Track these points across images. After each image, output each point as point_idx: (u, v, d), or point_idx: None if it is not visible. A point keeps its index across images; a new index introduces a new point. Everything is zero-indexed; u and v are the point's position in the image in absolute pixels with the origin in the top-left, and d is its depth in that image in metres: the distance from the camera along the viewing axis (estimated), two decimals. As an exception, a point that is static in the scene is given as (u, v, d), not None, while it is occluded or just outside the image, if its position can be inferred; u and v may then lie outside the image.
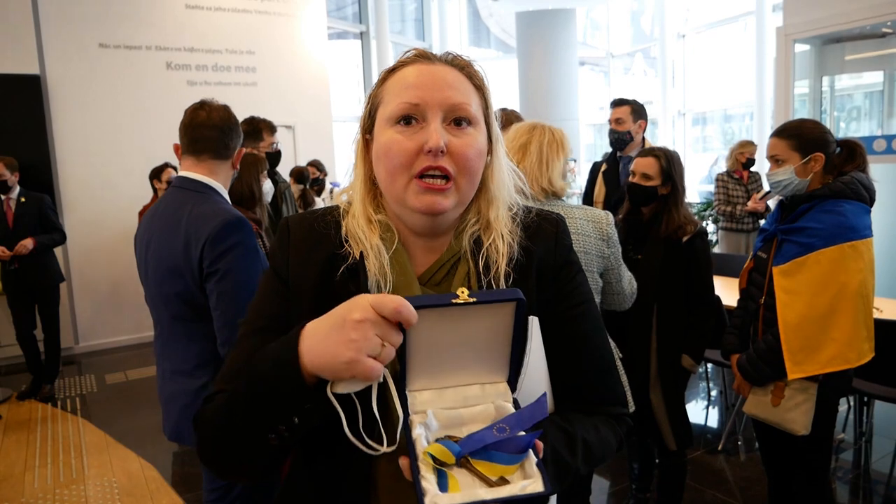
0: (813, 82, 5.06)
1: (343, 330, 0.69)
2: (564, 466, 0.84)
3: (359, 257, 0.87)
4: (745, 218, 5.02)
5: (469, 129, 0.85)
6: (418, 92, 0.83)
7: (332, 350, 0.69)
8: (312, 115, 7.18)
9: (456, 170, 0.84)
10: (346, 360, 0.68)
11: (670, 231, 2.30)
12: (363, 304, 0.69)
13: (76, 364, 5.72)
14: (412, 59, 0.88)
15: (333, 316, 0.72)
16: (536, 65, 8.42)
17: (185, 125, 1.86)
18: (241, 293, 1.66)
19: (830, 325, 1.84)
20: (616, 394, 0.97)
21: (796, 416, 1.92)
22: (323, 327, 0.72)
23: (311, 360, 0.71)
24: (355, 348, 0.68)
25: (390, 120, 0.84)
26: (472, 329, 0.76)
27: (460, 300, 0.71)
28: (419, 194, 0.83)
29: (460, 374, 0.78)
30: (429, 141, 0.81)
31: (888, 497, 2.97)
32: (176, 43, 6.37)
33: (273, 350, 0.76)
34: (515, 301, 0.74)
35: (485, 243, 0.89)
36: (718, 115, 9.33)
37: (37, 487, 3.34)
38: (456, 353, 0.77)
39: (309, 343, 0.72)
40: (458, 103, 0.84)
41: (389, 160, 0.84)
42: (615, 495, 3.04)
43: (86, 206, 5.98)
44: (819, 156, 1.94)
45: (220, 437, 0.81)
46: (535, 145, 1.93)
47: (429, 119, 0.83)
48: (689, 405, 4.21)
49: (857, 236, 1.83)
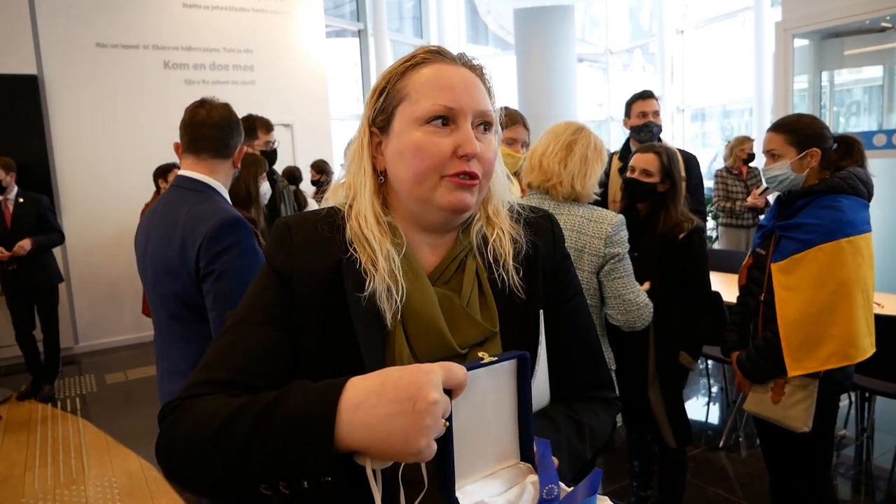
0: (812, 77, 5.05)
1: (415, 414, 0.61)
2: (578, 455, 0.90)
3: (367, 262, 0.84)
4: (744, 213, 5.01)
5: (490, 134, 0.87)
6: (454, 95, 0.83)
7: (401, 436, 0.62)
8: (311, 114, 7.16)
9: (482, 172, 0.85)
10: (419, 449, 0.62)
11: (667, 228, 2.29)
12: (437, 383, 0.63)
13: (76, 364, 5.72)
14: (432, 56, 0.87)
15: (395, 391, 0.63)
16: (535, 62, 8.40)
17: (186, 124, 1.84)
18: (237, 293, 1.64)
19: (830, 321, 1.84)
20: (607, 379, 1.03)
21: (797, 413, 1.92)
22: (382, 404, 0.63)
23: (362, 438, 0.63)
24: (429, 435, 0.62)
25: (421, 119, 0.83)
26: (489, 400, 0.73)
27: (486, 360, 0.70)
28: (452, 191, 0.83)
29: (486, 458, 0.75)
30: (466, 146, 0.82)
31: (890, 493, 2.97)
32: (173, 42, 6.36)
33: (306, 403, 0.66)
34: (518, 359, 0.74)
35: (490, 238, 0.91)
36: (717, 110, 9.31)
37: (37, 488, 3.34)
38: (482, 432, 0.74)
39: (361, 418, 0.63)
40: (486, 110, 0.86)
41: (421, 160, 0.83)
42: (616, 493, 3.03)
43: (84, 206, 5.98)
44: (815, 151, 1.93)
45: (195, 454, 0.70)
46: (580, 147, 1.96)
47: (460, 123, 0.83)
48: (690, 402, 4.21)
49: (855, 231, 1.83)
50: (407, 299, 0.84)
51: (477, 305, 0.87)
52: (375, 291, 0.82)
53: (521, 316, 0.89)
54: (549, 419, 0.88)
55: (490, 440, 0.75)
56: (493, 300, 0.88)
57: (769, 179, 2.01)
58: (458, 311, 0.86)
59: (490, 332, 0.86)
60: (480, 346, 0.86)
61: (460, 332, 0.85)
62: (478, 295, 0.88)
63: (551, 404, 0.92)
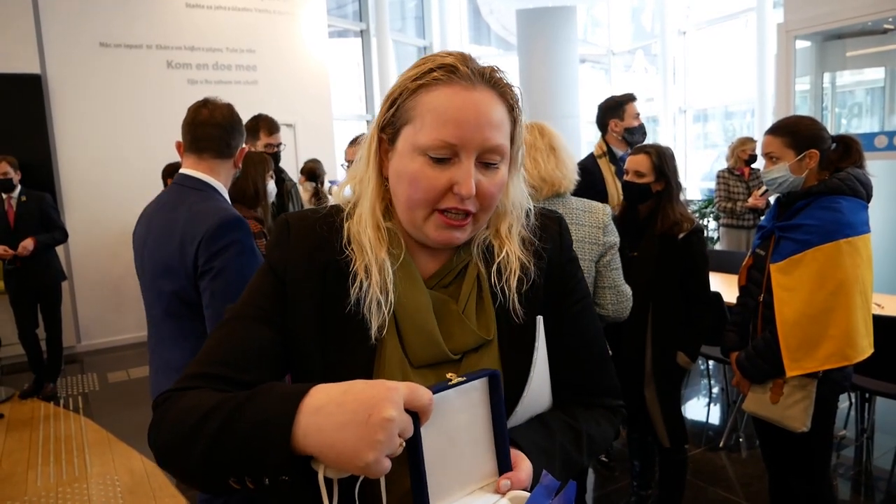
0: (814, 79, 5.05)
1: (367, 427, 0.62)
2: (573, 462, 0.88)
3: (360, 266, 0.84)
4: (745, 214, 5.01)
5: (499, 167, 0.83)
6: (458, 131, 0.78)
7: (350, 446, 0.63)
8: (313, 114, 7.18)
9: (479, 208, 0.83)
10: (366, 462, 0.62)
11: (666, 228, 2.30)
12: (395, 400, 0.63)
13: (78, 363, 5.74)
14: (447, 77, 0.80)
15: (353, 402, 0.64)
16: (537, 62, 8.40)
17: (188, 123, 1.86)
18: (235, 292, 1.65)
19: (828, 321, 1.84)
20: (612, 386, 0.99)
21: (795, 414, 1.92)
22: (339, 413, 0.64)
23: (315, 442, 0.65)
24: (380, 450, 0.62)
25: (422, 149, 0.80)
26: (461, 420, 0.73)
27: (454, 381, 0.70)
28: (439, 228, 0.82)
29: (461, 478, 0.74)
30: (461, 186, 0.79)
31: (889, 493, 2.97)
32: (176, 42, 6.38)
33: (269, 405, 0.68)
34: (488, 376, 0.74)
35: (497, 255, 0.89)
36: (720, 111, 9.31)
37: (39, 486, 3.35)
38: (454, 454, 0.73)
39: (315, 422, 0.65)
40: (495, 145, 0.81)
41: (414, 191, 0.81)
42: (617, 493, 3.04)
43: (87, 205, 6.00)
44: (814, 152, 1.94)
45: (177, 439, 0.73)
46: (557, 143, 1.99)
47: (462, 159, 0.80)
48: (690, 402, 4.22)
49: (854, 232, 1.83)
50: (401, 302, 0.84)
51: (474, 312, 0.87)
52: (364, 298, 0.83)
53: (518, 324, 0.87)
54: (545, 425, 0.87)
55: (465, 460, 0.74)
56: (491, 308, 0.87)
57: (768, 182, 2.01)
58: (453, 316, 0.85)
59: (483, 339, 0.85)
60: (475, 353, 0.85)
61: (454, 337, 0.85)
62: (476, 302, 0.87)
63: (551, 410, 0.91)
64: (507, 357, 0.87)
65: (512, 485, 0.74)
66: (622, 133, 3.18)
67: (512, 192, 0.90)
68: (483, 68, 0.82)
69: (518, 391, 0.84)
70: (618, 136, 3.19)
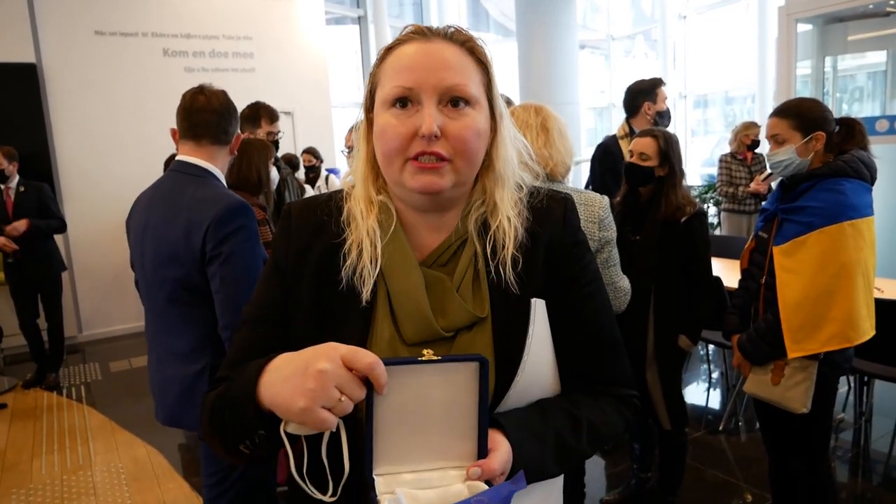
0: (815, 63, 5.02)
1: (303, 377, 0.68)
2: (569, 450, 0.86)
3: (354, 242, 0.86)
4: (747, 199, 5.01)
5: (467, 109, 0.83)
6: (412, 75, 0.81)
7: (287, 394, 0.69)
8: (311, 101, 7.14)
9: (452, 153, 0.82)
10: (298, 409, 0.67)
11: (668, 212, 2.30)
12: (331, 355, 0.68)
13: (80, 353, 5.75)
14: (409, 36, 0.85)
15: (299, 357, 0.71)
16: (536, 48, 8.35)
17: (184, 109, 1.85)
18: (243, 276, 1.67)
19: (830, 303, 1.84)
20: (623, 375, 0.96)
21: (796, 395, 1.93)
22: (287, 368, 0.71)
23: (268, 397, 0.72)
24: (310, 398, 0.67)
25: (386, 103, 0.83)
26: (438, 397, 0.73)
27: (425, 358, 0.70)
28: (415, 174, 0.82)
29: (427, 453, 0.75)
30: (423, 126, 0.79)
31: (887, 476, 2.99)
32: (172, 29, 6.33)
33: (241, 378, 0.77)
34: (478, 362, 0.73)
35: (492, 226, 0.88)
36: (720, 97, 9.27)
37: (44, 474, 3.38)
38: (422, 428, 0.74)
39: (269, 379, 0.72)
40: (454, 84, 0.81)
41: (385, 143, 0.83)
42: (617, 476, 3.06)
43: (85, 195, 5.99)
44: (820, 135, 1.93)
45: (209, 428, 0.83)
46: (552, 124, 1.95)
47: (423, 102, 0.81)
48: (690, 387, 4.24)
49: (858, 215, 1.83)
50: (392, 278, 0.85)
51: (469, 290, 0.86)
52: (355, 270, 0.84)
53: (513, 305, 0.86)
54: (541, 411, 0.86)
55: (439, 436, 0.75)
56: (486, 286, 0.86)
57: (774, 165, 2.00)
58: (447, 293, 0.85)
59: (477, 317, 0.85)
60: (468, 332, 0.85)
61: (448, 315, 0.84)
62: (472, 280, 0.87)
63: (554, 397, 0.89)
64: (501, 337, 0.85)
65: (482, 473, 0.74)
66: (654, 116, 3.20)
67: (504, 153, 0.89)
68: (444, 27, 0.86)
69: (511, 373, 0.83)
70: (650, 118, 3.21)
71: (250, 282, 1.64)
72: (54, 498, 3.12)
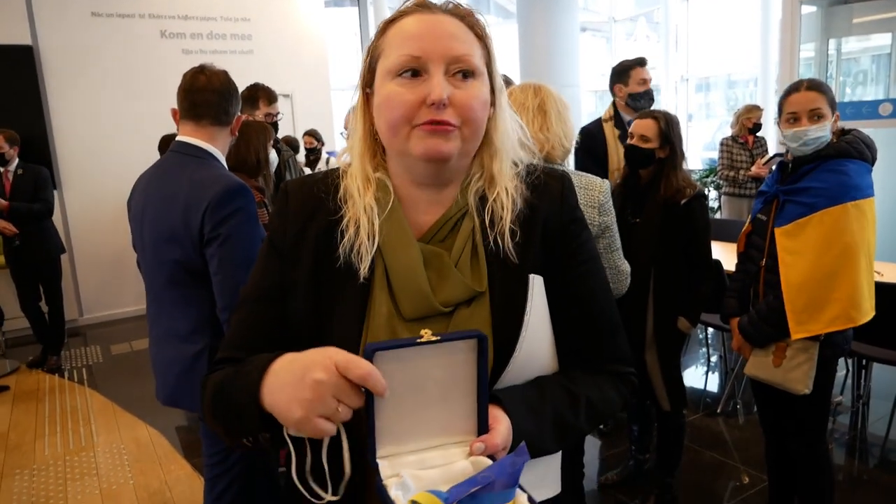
0: (819, 45, 4.98)
1: (299, 386, 0.68)
2: (567, 426, 0.86)
3: (351, 219, 0.85)
4: (747, 183, 4.98)
5: (472, 80, 0.83)
6: (420, 43, 0.81)
7: (284, 403, 0.69)
8: (310, 84, 7.09)
9: (460, 121, 0.82)
10: (295, 419, 0.68)
11: (669, 194, 2.29)
12: (326, 365, 0.67)
13: (81, 336, 5.77)
14: (412, 8, 0.85)
15: (297, 364, 0.71)
16: (537, 30, 8.27)
17: (185, 89, 1.83)
18: (241, 258, 1.66)
19: (834, 284, 1.84)
20: (621, 352, 0.96)
21: (798, 376, 1.93)
22: (285, 375, 0.71)
23: (269, 402, 0.72)
24: (307, 408, 0.67)
25: (391, 72, 0.82)
26: (438, 376, 0.73)
27: (424, 339, 0.70)
28: (422, 139, 0.81)
29: (428, 431, 0.75)
30: (432, 93, 0.79)
31: (884, 458, 3.01)
32: (170, 11, 6.27)
33: (245, 375, 0.77)
34: (477, 339, 0.73)
35: (489, 198, 0.88)
36: (722, 80, 9.21)
37: (47, 454, 3.41)
38: (423, 408, 0.74)
39: (270, 383, 0.73)
40: (460, 55, 0.82)
41: (390, 112, 0.82)
42: (615, 457, 3.08)
43: (84, 178, 5.97)
44: (837, 115, 1.93)
45: (212, 416, 0.84)
46: (550, 105, 1.91)
47: (431, 71, 0.81)
48: (689, 369, 4.26)
49: (861, 195, 1.82)
50: (389, 254, 0.85)
51: (468, 265, 0.86)
52: (353, 247, 0.84)
53: (512, 279, 0.86)
54: (539, 387, 0.86)
55: (439, 413, 0.75)
56: (484, 261, 0.86)
57: (809, 141, 1.90)
58: (445, 268, 0.85)
59: (475, 292, 0.85)
60: (466, 307, 0.85)
61: (445, 290, 0.84)
62: (470, 255, 0.86)
63: (550, 374, 0.90)
64: (499, 312, 0.85)
65: (486, 448, 0.74)
66: (626, 98, 3.15)
67: (502, 127, 0.89)
68: (447, 2, 0.86)
69: (510, 349, 0.83)
70: (622, 101, 3.17)
71: (248, 264, 1.62)
72: (57, 478, 3.14)
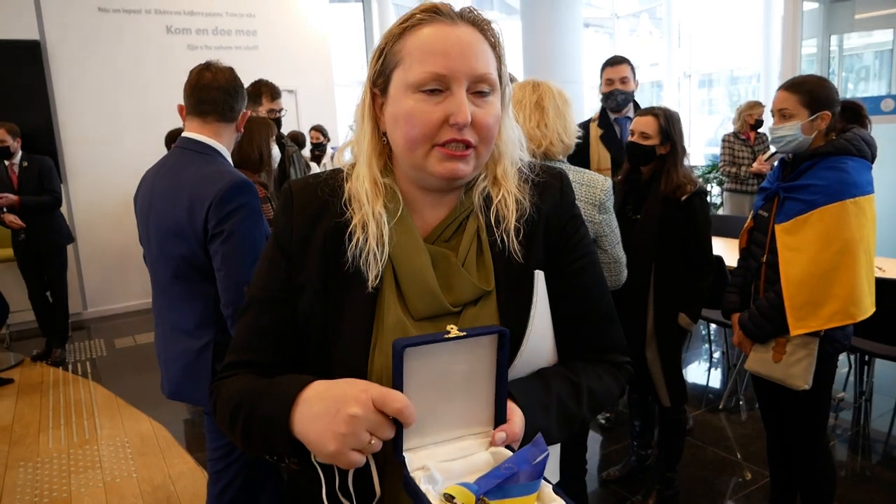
0: (821, 41, 4.98)
1: (335, 420, 0.68)
2: (571, 416, 0.88)
3: (358, 223, 0.86)
4: (749, 179, 4.99)
5: (490, 98, 0.84)
6: (445, 62, 0.80)
7: (317, 435, 0.70)
8: (314, 80, 7.11)
9: (478, 140, 0.83)
10: (329, 452, 0.69)
11: (669, 190, 2.30)
12: (363, 399, 0.68)
13: (85, 329, 5.80)
14: (431, 16, 0.83)
15: (330, 395, 0.71)
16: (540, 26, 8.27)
17: (191, 86, 1.84)
18: (245, 254, 1.68)
19: (833, 281, 1.85)
20: (617, 343, 0.99)
21: (798, 372, 1.94)
22: (318, 405, 0.72)
23: (300, 431, 0.73)
24: (341, 442, 0.68)
25: (413, 86, 0.81)
26: (460, 370, 0.75)
27: (452, 335, 0.71)
28: (442, 161, 0.82)
29: (450, 423, 0.77)
30: (457, 115, 0.80)
31: (887, 454, 3.02)
32: (175, 6, 6.29)
33: (273, 401, 0.77)
34: (498, 333, 0.75)
35: (494, 199, 0.90)
36: (725, 76, 9.20)
37: (51, 447, 3.43)
38: (446, 401, 0.76)
39: (302, 413, 0.73)
40: (484, 73, 0.82)
41: (411, 128, 0.82)
42: (617, 452, 3.10)
43: (89, 172, 5.99)
44: (826, 114, 1.93)
45: (230, 430, 0.84)
46: (548, 101, 1.92)
47: (454, 90, 0.81)
48: (692, 366, 4.27)
49: (860, 192, 1.83)
50: (399, 259, 0.86)
51: (474, 265, 0.88)
52: (362, 253, 0.85)
53: (518, 277, 0.88)
54: (543, 379, 0.88)
55: (459, 406, 0.77)
56: (490, 260, 0.88)
57: (776, 139, 1.99)
58: (453, 269, 0.86)
59: (483, 291, 0.86)
60: (474, 306, 0.86)
61: (454, 290, 0.86)
62: (476, 255, 0.88)
63: (553, 366, 0.92)
64: (506, 309, 0.87)
65: (507, 437, 0.76)
66: (601, 99, 3.17)
67: (505, 133, 0.91)
68: (462, 9, 0.86)
69: (516, 344, 0.85)
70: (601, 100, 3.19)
71: (252, 260, 1.65)
72: (61, 471, 3.17)
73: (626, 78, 3.14)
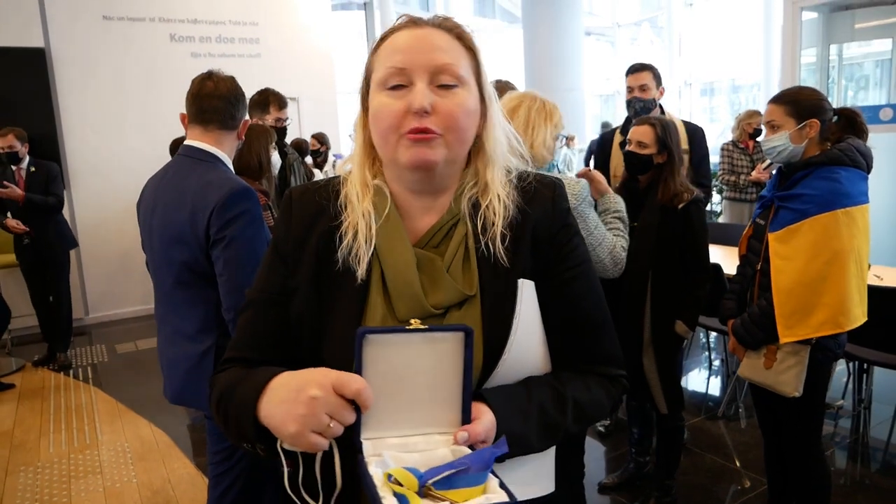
0: (821, 51, 5.00)
1: (294, 403, 0.72)
2: (553, 425, 0.88)
3: (350, 224, 0.89)
4: (748, 188, 5.01)
5: (457, 89, 0.86)
6: (404, 56, 0.85)
7: (279, 419, 0.73)
8: (316, 87, 7.14)
9: (443, 128, 0.85)
10: (289, 433, 0.72)
11: (666, 198, 2.32)
12: (322, 382, 0.71)
13: (87, 335, 5.82)
14: (402, 24, 0.89)
15: (293, 381, 0.74)
16: (542, 35, 8.32)
17: (193, 95, 1.88)
18: (247, 260, 1.70)
19: (822, 290, 1.87)
20: (611, 354, 0.98)
21: (788, 379, 1.96)
22: (282, 391, 0.75)
23: (265, 416, 0.76)
24: (301, 423, 0.71)
25: (380, 85, 0.86)
26: (425, 367, 0.76)
27: (412, 327, 0.74)
28: (408, 147, 0.85)
29: (414, 420, 0.78)
30: (413, 102, 0.83)
31: (886, 463, 3.02)
32: (179, 14, 6.34)
33: (245, 389, 0.81)
34: (463, 332, 0.76)
35: (482, 205, 0.91)
36: (726, 85, 9.24)
37: (52, 452, 3.44)
38: (410, 396, 0.77)
39: (267, 399, 0.77)
40: (443, 64, 0.85)
41: (380, 122, 0.86)
42: (615, 460, 3.10)
43: (92, 179, 6.03)
44: (814, 122, 1.95)
45: (217, 417, 0.88)
46: (522, 110, 1.94)
47: (415, 81, 0.84)
48: (691, 373, 4.28)
49: (852, 202, 1.85)
50: (385, 256, 0.88)
51: (459, 270, 0.89)
52: (351, 251, 0.88)
53: (502, 283, 0.89)
54: (526, 387, 0.88)
55: (424, 403, 0.78)
56: (475, 265, 0.89)
57: (767, 151, 2.02)
58: (437, 272, 0.88)
59: (465, 295, 0.87)
60: (458, 310, 0.88)
61: (438, 293, 0.87)
62: (462, 260, 0.89)
63: (539, 375, 0.92)
64: (490, 315, 0.87)
65: (468, 436, 0.77)
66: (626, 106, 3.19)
67: (493, 136, 0.93)
68: (436, 16, 0.90)
69: (499, 350, 0.86)
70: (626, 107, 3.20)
71: (253, 265, 1.67)
72: (61, 476, 3.18)
73: (645, 86, 3.14)
